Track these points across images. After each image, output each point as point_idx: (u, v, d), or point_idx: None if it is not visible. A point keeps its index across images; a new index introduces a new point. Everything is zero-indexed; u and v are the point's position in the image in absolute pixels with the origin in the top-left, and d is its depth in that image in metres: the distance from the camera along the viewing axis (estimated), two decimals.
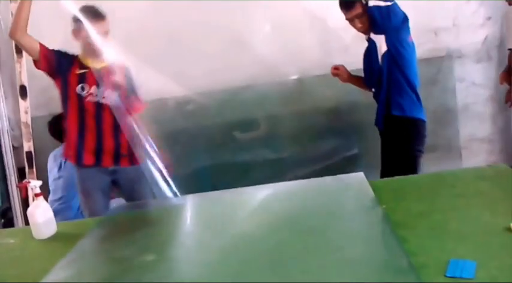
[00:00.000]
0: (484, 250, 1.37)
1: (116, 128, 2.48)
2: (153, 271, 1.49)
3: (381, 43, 2.53)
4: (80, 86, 2.43)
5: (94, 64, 2.44)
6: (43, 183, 1.98)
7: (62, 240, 1.87)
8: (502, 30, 3.42)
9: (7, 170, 3.41)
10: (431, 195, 1.82)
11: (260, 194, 2.08)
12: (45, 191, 2.14)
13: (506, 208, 1.59)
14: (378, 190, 1.83)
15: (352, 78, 2.85)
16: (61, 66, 2.42)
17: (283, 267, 1.41)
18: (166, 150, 2.46)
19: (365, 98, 2.89)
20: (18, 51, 3.33)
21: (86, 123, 2.47)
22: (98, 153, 2.51)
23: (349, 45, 3.19)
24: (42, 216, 1.90)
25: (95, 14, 2.34)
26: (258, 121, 3.46)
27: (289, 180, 2.31)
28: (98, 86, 2.44)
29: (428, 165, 1.88)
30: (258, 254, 1.52)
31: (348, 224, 1.67)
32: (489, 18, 3.41)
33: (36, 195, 1.90)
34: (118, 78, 2.41)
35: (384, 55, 2.53)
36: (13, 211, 3.38)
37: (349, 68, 2.84)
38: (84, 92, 2.43)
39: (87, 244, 1.78)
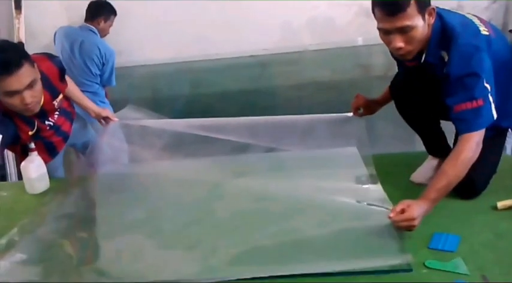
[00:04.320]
0: (468, 226, 1.40)
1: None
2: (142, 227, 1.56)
3: None
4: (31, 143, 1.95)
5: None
6: None
7: (54, 195, 1.89)
8: (505, 14, 3.40)
9: None
10: None
11: (250, 162, 2.07)
12: None
13: (495, 188, 1.61)
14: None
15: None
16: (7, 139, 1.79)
17: (268, 228, 1.48)
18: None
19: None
20: (17, 6, 3.28)
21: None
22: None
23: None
24: (35, 171, 1.91)
25: (2, 68, 1.63)
26: (256, 92, 3.46)
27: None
28: (44, 120, 1.96)
29: (420, 143, 1.90)
30: (240, 221, 1.57)
31: (338, 196, 1.67)
32: (494, 1, 3.39)
33: (30, 150, 1.90)
34: (57, 101, 1.98)
35: None
36: (7, 169, 3.36)
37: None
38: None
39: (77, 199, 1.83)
